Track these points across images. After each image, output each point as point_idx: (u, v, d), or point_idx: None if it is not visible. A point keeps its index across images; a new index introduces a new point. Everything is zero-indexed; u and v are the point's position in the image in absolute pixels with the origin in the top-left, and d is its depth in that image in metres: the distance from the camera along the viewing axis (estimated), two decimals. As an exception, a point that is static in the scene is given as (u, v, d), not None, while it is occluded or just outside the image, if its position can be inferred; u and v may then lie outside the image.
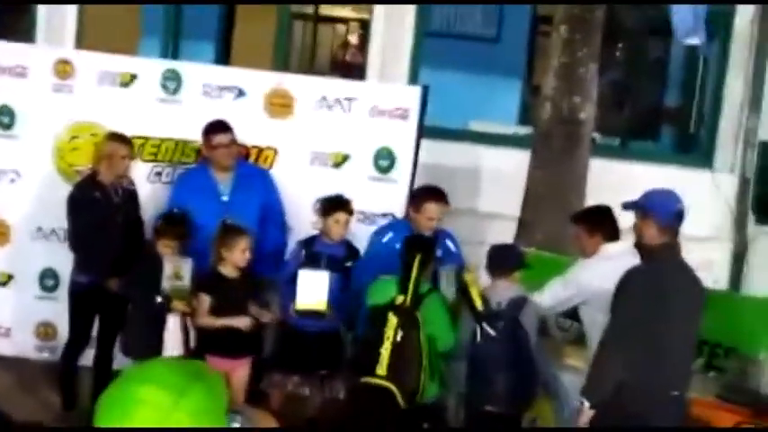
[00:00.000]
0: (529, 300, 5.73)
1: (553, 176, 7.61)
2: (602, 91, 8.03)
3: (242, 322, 6.00)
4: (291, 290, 6.13)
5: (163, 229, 6.23)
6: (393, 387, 5.60)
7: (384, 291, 5.78)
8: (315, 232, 6.45)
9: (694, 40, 7.86)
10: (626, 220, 5.22)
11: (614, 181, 7.53)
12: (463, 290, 5.76)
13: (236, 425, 2.18)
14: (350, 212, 6.37)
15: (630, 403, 4.70)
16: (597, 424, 4.81)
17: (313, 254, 6.31)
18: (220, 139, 6.62)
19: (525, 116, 9.66)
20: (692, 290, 4.90)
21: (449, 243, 6.47)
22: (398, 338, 5.60)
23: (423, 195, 6.40)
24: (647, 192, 5.01)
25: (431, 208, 6.28)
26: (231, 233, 6.03)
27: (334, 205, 6.35)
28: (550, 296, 5.80)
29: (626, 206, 5.02)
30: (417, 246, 5.89)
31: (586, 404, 4.79)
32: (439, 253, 6.24)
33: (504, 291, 5.74)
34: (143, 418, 1.90)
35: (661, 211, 4.85)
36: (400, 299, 5.67)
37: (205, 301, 6.01)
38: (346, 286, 6.28)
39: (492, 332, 5.61)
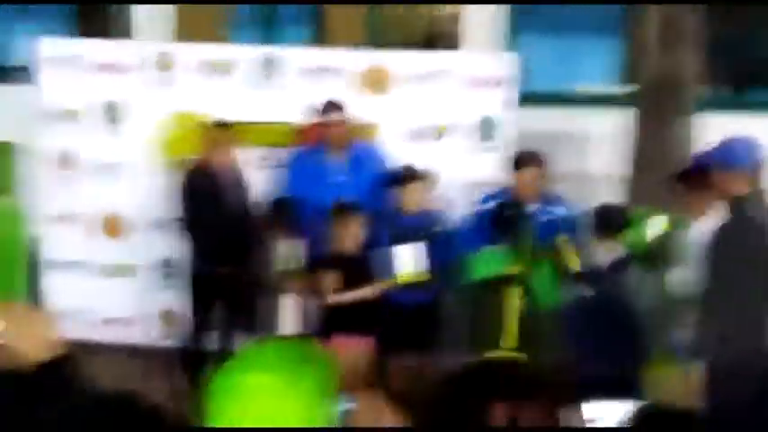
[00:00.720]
0: (633, 261, 5.62)
1: (659, 134, 7.44)
2: (708, 41, 7.78)
3: (368, 291, 6.06)
4: (386, 270, 6.18)
5: (271, 214, 6.34)
6: (524, 359, 5.59)
7: (491, 261, 5.75)
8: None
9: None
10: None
11: (727, 134, 7.31)
12: (555, 252, 5.70)
13: (351, 407, 2.19)
14: (424, 182, 6.35)
15: (737, 358, 4.60)
16: (707, 382, 4.72)
17: (398, 227, 6.34)
18: (335, 117, 6.67)
19: (628, 75, 9.44)
20: None
21: (552, 207, 6.39)
22: (521, 309, 5.60)
23: (517, 162, 6.32)
24: (723, 142, 4.84)
25: (524, 173, 6.22)
26: (344, 211, 6.10)
27: (406, 176, 6.36)
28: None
29: (703, 159, 4.85)
30: (521, 214, 5.85)
31: (697, 364, 4.72)
32: (545, 219, 6.19)
33: (607, 252, 5.65)
34: (257, 406, 1.92)
35: (743, 159, 4.69)
36: (514, 268, 5.65)
37: (329, 278, 6.09)
38: (436, 254, 6.27)
39: (589, 292, 5.53)
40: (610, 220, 5.81)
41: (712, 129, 7.36)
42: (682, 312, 6.05)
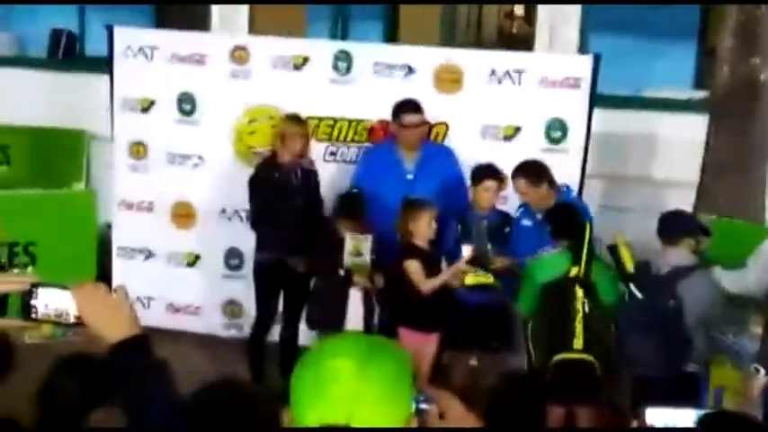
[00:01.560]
0: (699, 269, 5.56)
1: (734, 141, 7.35)
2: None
3: (453, 271, 6.08)
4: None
5: (340, 208, 6.38)
6: (593, 360, 5.59)
7: (555, 264, 5.74)
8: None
9: None
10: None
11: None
12: (612, 250, 5.67)
13: (423, 406, 2.20)
14: (499, 180, 6.34)
15: None
16: None
17: (468, 226, 6.33)
18: (412, 119, 6.66)
19: (701, 80, 9.34)
20: None
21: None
22: (587, 310, 5.60)
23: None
24: None
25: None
26: (415, 206, 6.12)
27: (482, 174, 6.35)
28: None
29: None
30: (581, 215, 5.84)
31: (762, 371, 4.66)
32: None
33: (671, 258, 5.60)
34: (335, 390, 1.95)
35: None
36: (575, 270, 5.63)
37: (415, 265, 6.10)
38: (517, 249, 6.27)
39: (639, 294, 5.49)
40: (674, 226, 5.75)
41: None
42: (744, 318, 6.00)
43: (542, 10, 9.14)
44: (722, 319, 5.75)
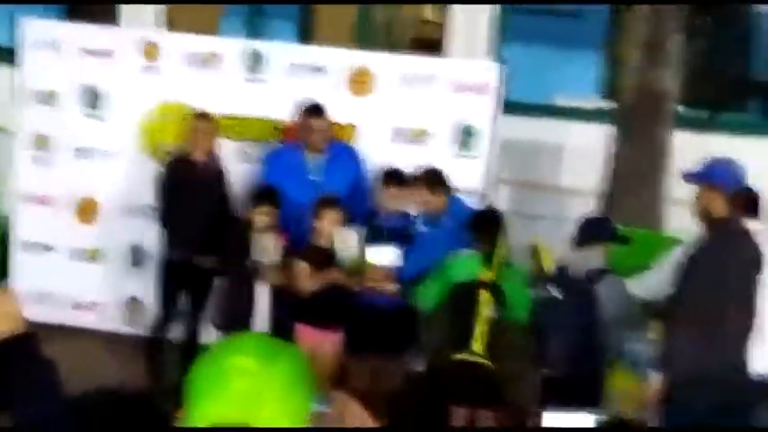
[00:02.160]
0: (609, 273, 5.69)
1: (637, 150, 7.52)
2: (687, 62, 7.88)
3: (333, 274, 6.08)
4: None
5: (257, 196, 6.33)
6: (490, 364, 5.65)
7: (467, 266, 5.80)
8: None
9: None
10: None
11: (702, 154, 7.39)
12: (533, 253, 5.75)
13: (321, 408, 2.19)
14: (404, 185, 6.39)
15: (701, 373, 4.67)
16: (670, 396, 4.78)
17: (375, 228, 6.37)
18: (319, 124, 6.67)
19: (608, 90, 9.53)
20: (754, 256, 4.82)
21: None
22: (491, 314, 5.67)
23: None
24: (709, 162, 4.90)
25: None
26: (320, 204, 6.13)
27: (387, 179, 6.40)
28: None
29: (688, 178, 4.92)
30: (494, 219, 5.90)
31: (658, 377, 4.78)
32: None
33: (586, 261, 5.70)
34: (235, 387, 1.94)
35: (726, 182, 4.75)
36: (487, 273, 5.69)
37: (301, 266, 6.11)
38: (411, 257, 6.29)
39: (558, 295, 5.58)
40: (591, 230, 5.85)
41: (687, 148, 7.48)
42: (643, 323, 6.13)
43: (456, 17, 9.22)
44: (628, 324, 5.86)
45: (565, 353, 5.56)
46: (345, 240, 6.12)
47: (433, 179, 6.31)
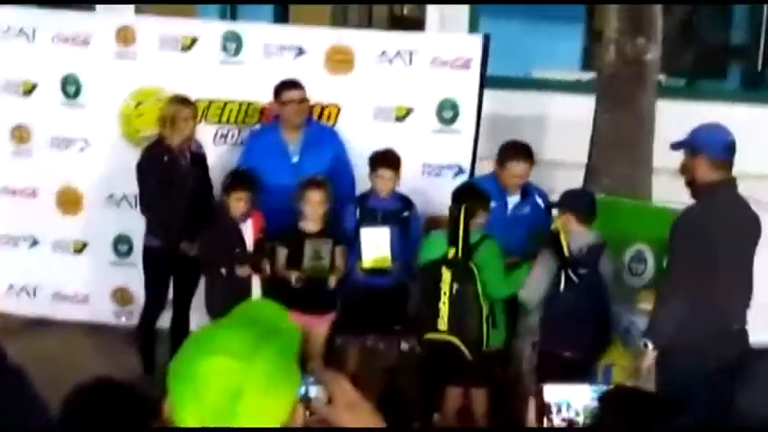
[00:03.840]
0: (605, 246, 5.67)
1: (619, 120, 7.47)
2: (666, 31, 7.84)
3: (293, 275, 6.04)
4: (353, 248, 6.18)
5: (232, 181, 6.27)
6: (456, 340, 5.64)
7: (436, 245, 5.78)
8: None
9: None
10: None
11: (683, 122, 7.37)
12: (554, 237, 5.70)
13: (312, 391, 2.14)
14: (394, 168, 6.36)
15: (692, 341, 4.66)
16: (660, 365, 4.77)
17: (368, 210, 6.34)
18: (291, 95, 6.63)
19: (588, 61, 9.50)
20: (749, 225, 4.80)
21: (538, 200, 6.45)
22: (454, 292, 5.65)
23: (507, 153, 6.35)
24: (693, 129, 4.89)
25: (514, 166, 6.26)
26: (304, 186, 6.09)
27: (377, 161, 6.36)
28: None
29: (675, 146, 4.91)
30: (463, 196, 5.86)
31: (650, 346, 4.76)
32: (527, 210, 6.25)
33: (582, 236, 5.68)
34: (214, 391, 1.89)
35: (711, 146, 4.73)
36: (452, 252, 5.67)
37: (281, 253, 6.09)
38: (407, 238, 6.30)
39: (575, 278, 5.56)
40: (587, 205, 5.82)
41: (668, 116, 7.46)
42: (633, 295, 6.13)
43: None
44: (616, 297, 5.86)
45: (583, 334, 5.57)
46: (318, 250, 6.05)
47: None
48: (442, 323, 5.65)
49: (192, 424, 1.89)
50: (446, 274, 5.66)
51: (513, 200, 6.37)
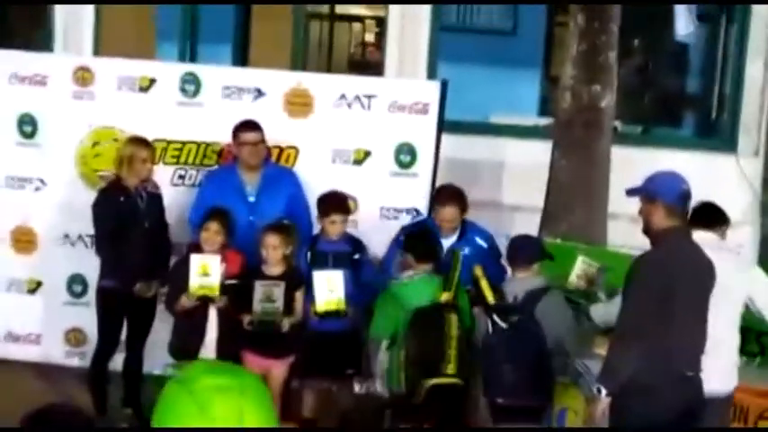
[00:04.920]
0: (550, 290, 5.71)
1: (576, 166, 7.56)
2: (621, 78, 7.97)
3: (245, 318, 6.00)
4: (307, 292, 6.17)
5: (208, 216, 6.22)
6: (463, 383, 5.70)
7: (425, 289, 5.80)
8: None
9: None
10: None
11: (638, 169, 7.46)
12: (474, 283, 5.75)
13: None
14: (345, 212, 6.40)
15: (646, 387, 4.68)
16: (613, 410, 4.78)
17: (319, 253, 6.35)
18: (248, 137, 6.64)
19: (545, 107, 9.62)
20: (705, 271, 4.84)
21: (479, 240, 6.48)
22: (458, 335, 5.70)
23: (439, 197, 6.49)
24: (650, 175, 4.93)
25: (445, 210, 6.36)
26: (264, 231, 6.10)
27: (328, 207, 6.38)
28: None
29: (630, 192, 4.95)
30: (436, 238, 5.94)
31: (603, 392, 4.77)
32: (465, 251, 6.28)
33: (522, 282, 5.73)
34: (219, 405, 1.91)
35: (666, 193, 4.77)
36: (446, 295, 5.71)
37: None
38: (357, 281, 6.30)
39: (503, 325, 5.58)
40: (526, 251, 5.89)
41: (624, 163, 7.56)
42: (588, 338, 6.16)
43: (392, 37, 9.24)
44: (571, 341, 5.88)
45: (519, 381, 5.57)
46: (269, 294, 6.01)
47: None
48: (451, 367, 5.63)
49: None
50: (452, 318, 5.69)
51: (448, 242, 6.40)
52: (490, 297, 5.64)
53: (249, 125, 6.68)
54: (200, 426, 1.92)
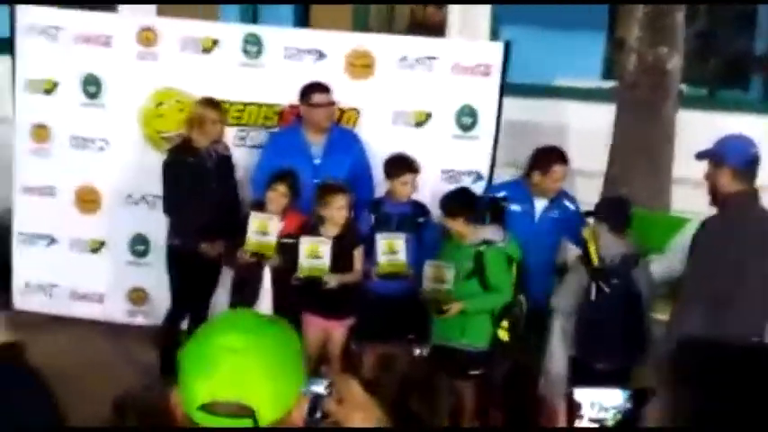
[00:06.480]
0: (641, 256, 5.65)
1: (640, 130, 7.44)
2: (688, 40, 7.80)
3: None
4: (369, 254, 6.18)
5: (275, 178, 6.24)
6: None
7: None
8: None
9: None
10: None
11: (703, 132, 7.33)
12: (582, 246, 5.70)
13: (319, 388, 2.17)
14: (415, 172, 6.35)
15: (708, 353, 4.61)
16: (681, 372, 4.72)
17: (383, 215, 6.33)
18: (320, 98, 6.63)
19: (609, 70, 9.45)
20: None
21: (567, 203, 6.45)
22: None
23: (551, 157, 6.42)
24: (720, 139, 4.86)
25: (557, 170, 6.33)
26: (326, 191, 6.08)
27: (398, 167, 6.34)
28: None
29: (699, 155, 4.87)
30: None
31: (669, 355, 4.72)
32: (556, 214, 6.34)
33: (616, 247, 5.65)
34: (224, 365, 1.92)
35: (735, 157, 4.70)
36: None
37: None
38: (419, 244, 6.29)
39: (606, 289, 5.54)
40: (622, 215, 5.80)
41: (689, 126, 7.43)
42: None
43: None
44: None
45: (618, 346, 5.55)
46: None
47: None
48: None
49: (203, 399, 1.92)
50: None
51: (541, 204, 6.38)
52: (596, 260, 5.59)
53: (320, 87, 6.65)
54: (202, 385, 1.93)
